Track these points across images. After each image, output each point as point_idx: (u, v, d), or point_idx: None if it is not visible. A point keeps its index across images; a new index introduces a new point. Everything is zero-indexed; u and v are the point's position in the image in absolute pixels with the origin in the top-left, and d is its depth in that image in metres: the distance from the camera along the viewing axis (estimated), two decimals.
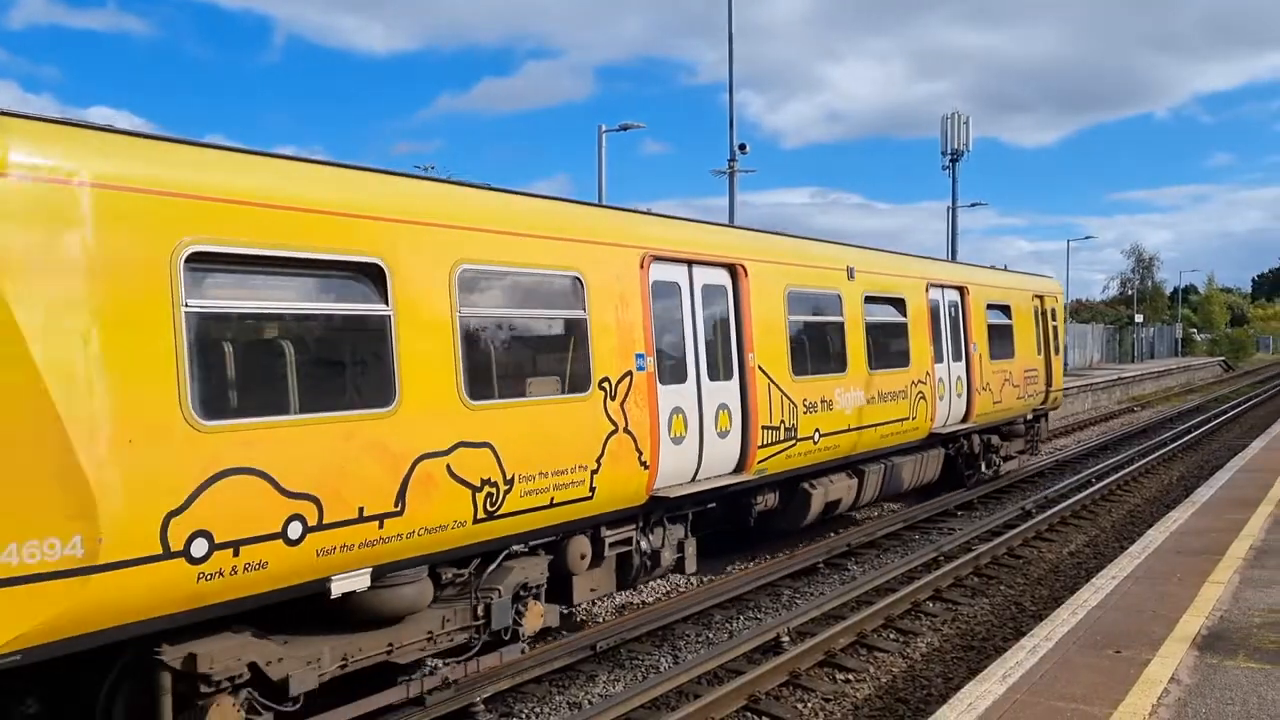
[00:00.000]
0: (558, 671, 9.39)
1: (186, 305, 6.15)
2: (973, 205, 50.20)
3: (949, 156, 44.07)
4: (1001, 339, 18.90)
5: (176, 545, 6.01)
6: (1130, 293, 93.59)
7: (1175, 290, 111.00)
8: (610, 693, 9.05)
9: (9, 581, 5.35)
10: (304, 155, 7.37)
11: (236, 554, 6.32)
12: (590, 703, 8.82)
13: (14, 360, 5.40)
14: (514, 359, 8.73)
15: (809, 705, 8.90)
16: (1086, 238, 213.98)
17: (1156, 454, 24.15)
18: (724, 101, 27.38)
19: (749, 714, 8.67)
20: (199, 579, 6.16)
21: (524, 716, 8.62)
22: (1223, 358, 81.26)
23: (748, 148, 29.43)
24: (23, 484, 5.42)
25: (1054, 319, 21.85)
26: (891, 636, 10.70)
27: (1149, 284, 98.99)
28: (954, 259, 32.45)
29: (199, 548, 6.12)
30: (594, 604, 11.50)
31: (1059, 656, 7.93)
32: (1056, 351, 21.86)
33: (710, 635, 10.72)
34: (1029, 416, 21.02)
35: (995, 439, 19.42)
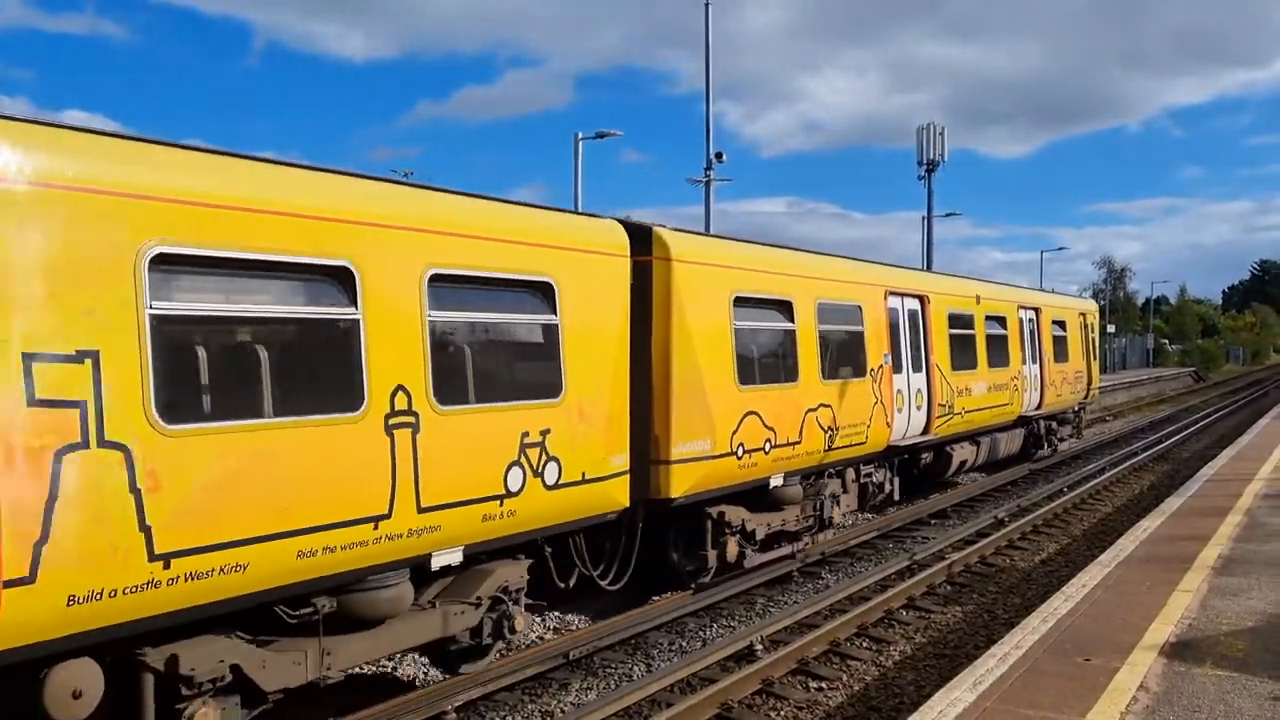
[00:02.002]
0: (530, 680, 9.44)
1: (736, 325, 11.67)
2: (948, 215, 51.64)
3: (925, 167, 44.47)
4: (1061, 347, 24.73)
5: (734, 449, 11.52)
6: (1103, 303, 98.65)
7: (1147, 301, 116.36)
8: (583, 701, 9.09)
9: (689, 460, 10.83)
10: (763, 241, 12.93)
11: (750, 456, 11.84)
12: (562, 711, 8.86)
13: (692, 363, 10.91)
14: (834, 354, 14.27)
15: (782, 713, 8.91)
16: (1059, 249, 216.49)
17: (1128, 463, 24.62)
18: (703, 111, 28.88)
19: None
20: (739, 468, 11.67)
21: None
22: (1194, 368, 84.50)
23: (725, 156, 29.39)
24: (695, 415, 10.93)
25: (1093, 332, 27.78)
26: (865, 645, 10.79)
27: (1121, 295, 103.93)
28: (929, 269, 33.73)
29: (740, 451, 11.63)
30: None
31: (1029, 664, 7.96)
32: (1095, 357, 27.80)
33: (683, 644, 10.86)
34: (1076, 408, 26.92)
35: (1054, 424, 25.28)
